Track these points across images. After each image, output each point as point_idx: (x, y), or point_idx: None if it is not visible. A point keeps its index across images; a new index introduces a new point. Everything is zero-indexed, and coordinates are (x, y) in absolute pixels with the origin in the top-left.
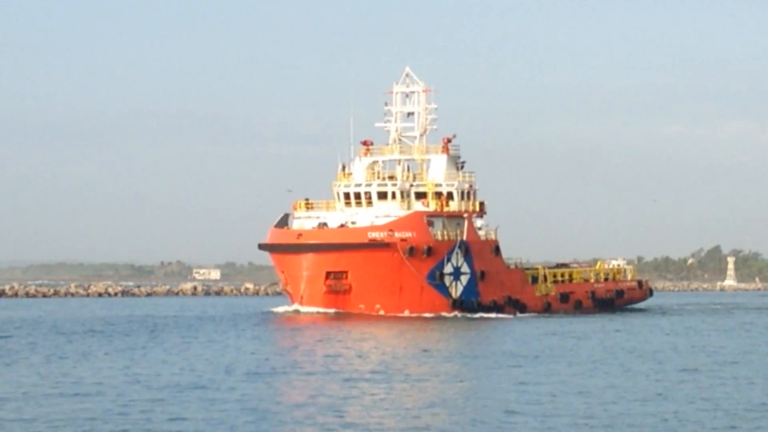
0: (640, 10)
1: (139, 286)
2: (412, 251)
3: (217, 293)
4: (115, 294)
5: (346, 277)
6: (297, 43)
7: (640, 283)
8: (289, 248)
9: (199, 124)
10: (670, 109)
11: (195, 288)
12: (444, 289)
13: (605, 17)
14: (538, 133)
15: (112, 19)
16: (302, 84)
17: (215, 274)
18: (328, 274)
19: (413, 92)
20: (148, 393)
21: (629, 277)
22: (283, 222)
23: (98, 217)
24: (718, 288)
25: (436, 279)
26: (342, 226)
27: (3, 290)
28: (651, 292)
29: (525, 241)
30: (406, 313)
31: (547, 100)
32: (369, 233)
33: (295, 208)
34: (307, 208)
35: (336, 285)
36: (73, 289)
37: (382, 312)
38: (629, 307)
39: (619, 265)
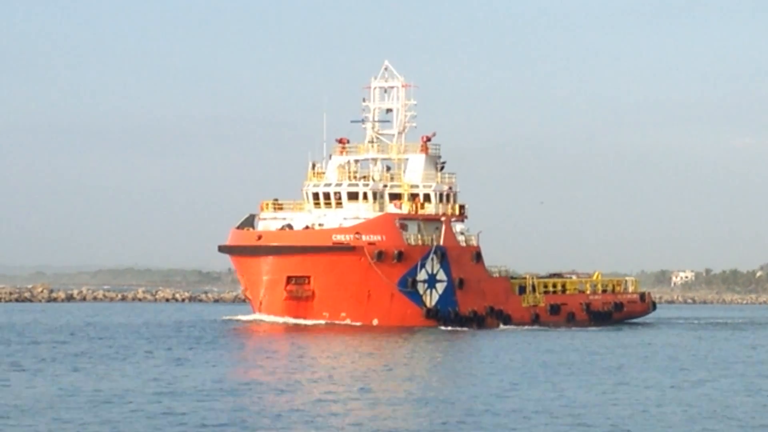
0: (697, 20)
1: (206, 292)
2: (380, 256)
3: None
4: (183, 300)
5: (309, 283)
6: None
7: (642, 295)
8: (247, 250)
9: (267, 129)
10: (740, 120)
11: None
12: (417, 298)
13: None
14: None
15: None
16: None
17: None
18: (289, 278)
19: (392, 87)
20: None
21: (630, 289)
22: (248, 223)
23: (167, 223)
24: None
25: (408, 286)
26: (307, 228)
27: (71, 294)
28: (654, 306)
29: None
30: (375, 323)
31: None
32: (334, 236)
33: (263, 209)
34: (275, 208)
35: (297, 291)
36: (140, 295)
37: (348, 321)
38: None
39: (687, 278)
